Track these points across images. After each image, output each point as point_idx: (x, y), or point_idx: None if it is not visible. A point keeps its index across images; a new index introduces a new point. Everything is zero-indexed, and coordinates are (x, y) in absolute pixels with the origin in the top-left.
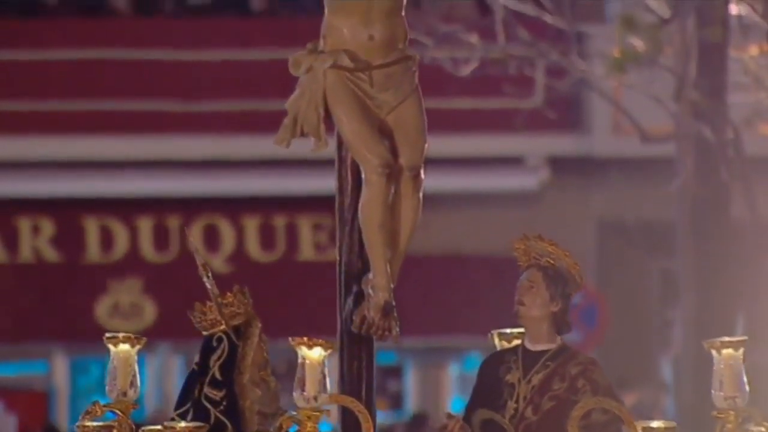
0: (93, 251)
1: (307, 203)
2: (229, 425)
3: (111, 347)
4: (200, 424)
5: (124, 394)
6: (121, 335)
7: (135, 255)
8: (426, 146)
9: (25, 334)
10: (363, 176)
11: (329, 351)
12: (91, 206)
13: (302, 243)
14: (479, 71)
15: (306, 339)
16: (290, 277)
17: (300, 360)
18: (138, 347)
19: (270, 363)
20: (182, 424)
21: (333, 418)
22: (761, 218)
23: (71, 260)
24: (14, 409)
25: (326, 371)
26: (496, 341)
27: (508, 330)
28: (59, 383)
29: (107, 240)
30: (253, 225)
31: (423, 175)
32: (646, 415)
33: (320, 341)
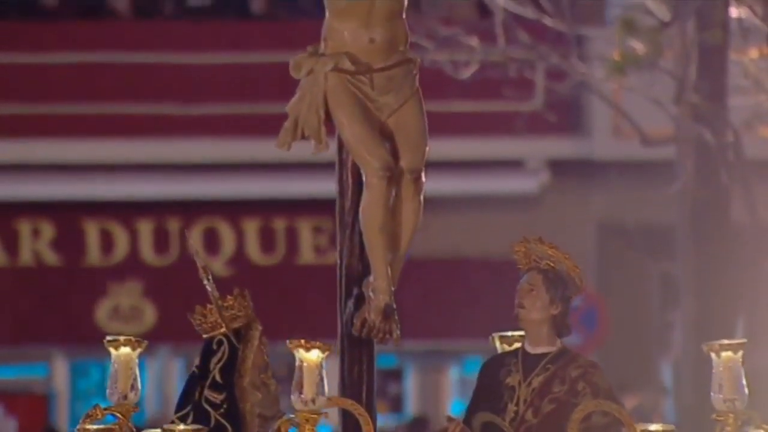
0: (93, 254)
1: (308, 206)
2: (230, 428)
3: (112, 350)
4: (200, 427)
5: (125, 398)
6: (122, 338)
7: (135, 258)
8: (427, 149)
9: (25, 337)
10: (364, 179)
11: (327, 353)
12: (91, 209)
13: (302, 246)
14: (479, 74)
15: (303, 341)
16: (290, 280)
17: (298, 362)
18: (139, 350)
19: (270, 366)
20: (182, 427)
21: (333, 421)
22: (761, 221)
23: (71, 263)
24: (14, 413)
25: (324, 374)
26: (497, 344)
27: (509, 333)
28: (59, 386)
29: (107, 243)
30: (254, 228)
31: (424, 178)
32: (647, 419)
33: (318, 344)
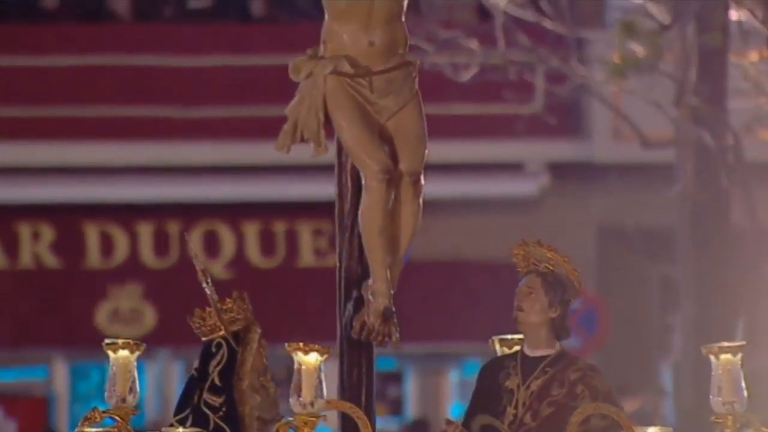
0: (93, 257)
1: (308, 209)
2: (228, 431)
3: (110, 353)
4: (199, 430)
5: (123, 401)
6: (120, 341)
7: (135, 261)
8: (426, 152)
9: (25, 340)
10: (363, 182)
11: (325, 356)
12: (92, 212)
13: (302, 249)
14: (479, 77)
15: (302, 344)
16: (290, 283)
17: (296, 365)
18: (137, 353)
19: (269, 369)
20: (181, 430)
21: (332, 424)
22: (761, 224)
23: (71, 266)
24: (14, 415)
25: (323, 377)
26: (497, 347)
27: (509, 336)
28: (59, 389)
29: (107, 246)
30: (253, 231)
31: (423, 181)
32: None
33: (316, 346)
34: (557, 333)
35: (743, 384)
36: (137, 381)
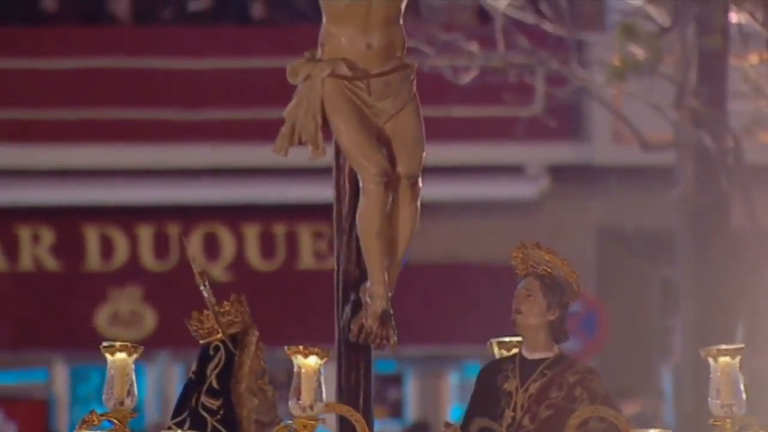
0: (93, 259)
1: (308, 211)
2: None
3: (108, 356)
4: None
5: (121, 403)
6: (118, 344)
7: (135, 263)
8: (424, 155)
9: (25, 343)
10: (361, 185)
11: (325, 359)
12: (91, 214)
13: (302, 251)
14: (479, 79)
15: (302, 347)
16: (290, 286)
17: (296, 368)
18: (135, 356)
19: (267, 372)
20: None
21: (330, 427)
22: (761, 226)
23: (71, 268)
24: (14, 418)
25: (322, 380)
26: (496, 350)
27: (507, 338)
28: (59, 391)
29: (107, 248)
30: (253, 233)
31: (421, 184)
32: (647, 424)
33: (316, 350)
34: (556, 336)
35: (742, 387)
36: (135, 383)
